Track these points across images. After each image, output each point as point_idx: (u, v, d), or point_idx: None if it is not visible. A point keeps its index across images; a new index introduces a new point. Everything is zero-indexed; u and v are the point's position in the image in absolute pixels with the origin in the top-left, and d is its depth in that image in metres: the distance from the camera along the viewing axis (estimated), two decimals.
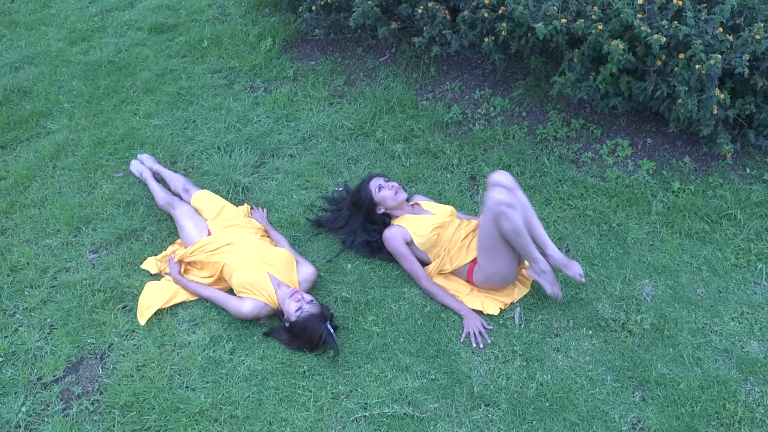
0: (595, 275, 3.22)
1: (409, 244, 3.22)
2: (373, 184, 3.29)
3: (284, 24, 5.07)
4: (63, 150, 4.18)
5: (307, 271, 3.21)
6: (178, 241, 3.50)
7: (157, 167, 3.87)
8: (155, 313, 3.17)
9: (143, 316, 3.16)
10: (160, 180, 3.81)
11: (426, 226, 3.21)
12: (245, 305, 3.05)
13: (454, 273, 3.23)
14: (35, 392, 2.92)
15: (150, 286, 3.29)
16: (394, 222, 3.29)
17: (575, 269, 2.96)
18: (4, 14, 5.73)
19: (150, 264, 3.42)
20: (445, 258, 3.19)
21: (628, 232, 3.41)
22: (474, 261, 3.14)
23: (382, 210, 3.30)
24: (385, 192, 3.26)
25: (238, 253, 3.19)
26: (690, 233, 3.38)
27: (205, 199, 3.56)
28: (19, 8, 5.81)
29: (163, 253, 3.47)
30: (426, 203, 3.40)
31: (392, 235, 3.22)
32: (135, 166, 3.93)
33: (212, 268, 3.24)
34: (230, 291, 3.21)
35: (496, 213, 2.84)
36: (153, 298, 3.22)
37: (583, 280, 2.97)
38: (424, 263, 3.24)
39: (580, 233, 3.42)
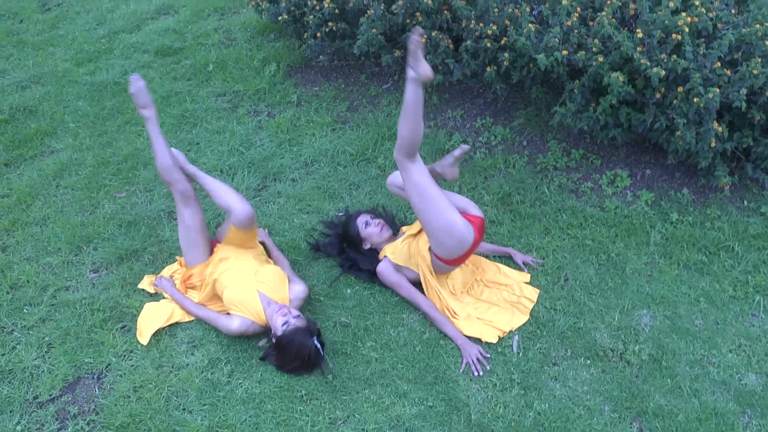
0: (594, 305, 3.23)
1: (398, 269, 3.29)
2: (360, 220, 3.40)
3: (289, 49, 5.14)
4: (66, 169, 4.21)
5: (299, 289, 3.21)
6: (179, 260, 3.50)
7: (191, 169, 3.31)
8: (154, 334, 3.17)
9: (143, 336, 3.17)
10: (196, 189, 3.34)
11: (398, 242, 3.31)
12: (233, 323, 3.07)
13: (437, 269, 3.23)
14: (30, 411, 2.91)
15: (149, 307, 3.30)
16: (380, 256, 3.37)
17: (459, 151, 3.08)
18: (13, 34, 5.81)
19: (146, 283, 3.43)
20: (423, 263, 3.21)
21: (627, 263, 3.42)
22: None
23: (369, 245, 3.39)
24: (371, 229, 3.36)
25: (230, 270, 3.21)
26: (688, 264, 3.40)
27: (249, 242, 3.33)
28: (28, 29, 5.89)
29: (161, 274, 3.48)
30: (407, 227, 3.47)
31: (383, 269, 3.30)
32: (138, 87, 3.20)
33: (205, 285, 3.26)
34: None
35: (402, 170, 3.00)
36: (152, 319, 3.23)
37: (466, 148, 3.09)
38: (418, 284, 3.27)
39: (579, 263, 3.44)
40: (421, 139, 2.94)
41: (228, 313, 3.14)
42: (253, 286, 3.13)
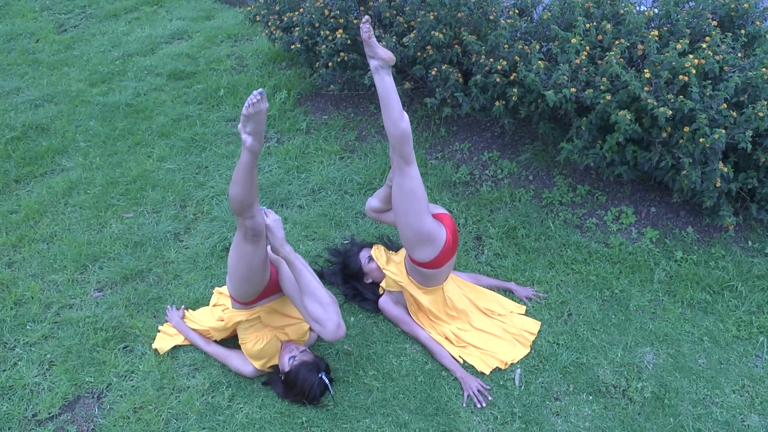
0: (597, 340, 3.23)
1: (397, 302, 3.32)
2: (363, 255, 3.42)
3: (300, 78, 5.21)
4: (75, 187, 4.25)
5: (314, 336, 3.23)
6: (218, 291, 3.43)
7: (287, 250, 2.81)
8: (156, 354, 3.17)
9: (160, 345, 3.20)
10: None
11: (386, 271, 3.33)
12: (247, 369, 3.05)
13: (423, 279, 3.20)
14: (29, 428, 2.89)
15: (168, 327, 3.32)
16: (380, 291, 3.40)
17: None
18: (28, 53, 5.90)
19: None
20: (401, 279, 3.23)
21: (631, 299, 3.42)
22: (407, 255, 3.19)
23: (370, 280, 3.41)
24: (373, 264, 3.38)
25: (260, 323, 3.06)
26: (692, 303, 3.40)
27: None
28: (43, 48, 5.98)
29: (213, 301, 3.40)
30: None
31: (383, 304, 3.34)
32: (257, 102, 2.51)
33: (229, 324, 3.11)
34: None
35: (397, 171, 2.92)
36: (171, 338, 3.25)
37: None
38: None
39: (582, 298, 3.44)
40: (409, 133, 2.86)
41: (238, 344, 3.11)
42: (278, 339, 3.04)
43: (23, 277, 3.61)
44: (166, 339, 3.24)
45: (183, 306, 3.39)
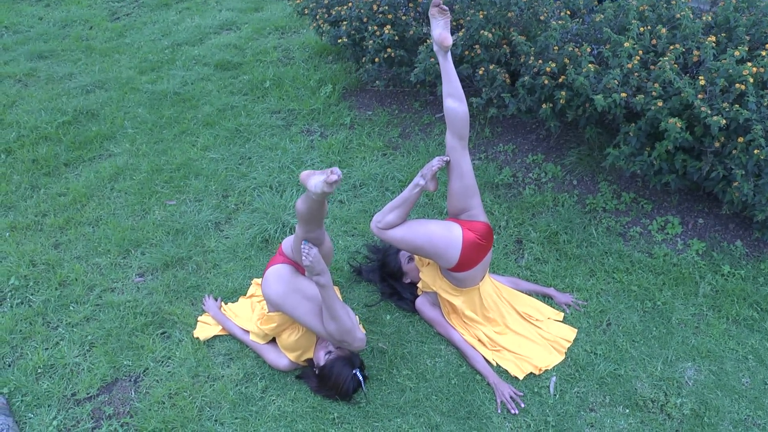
0: (636, 352, 3.16)
1: (434, 303, 3.29)
2: (403, 254, 3.40)
3: (345, 72, 5.21)
4: (122, 173, 4.33)
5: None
6: (256, 282, 3.49)
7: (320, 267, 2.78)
8: (193, 342, 3.21)
9: (201, 334, 3.25)
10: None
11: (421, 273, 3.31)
12: (282, 362, 3.06)
13: (456, 282, 3.18)
14: (68, 407, 2.96)
15: (207, 317, 3.36)
16: (418, 291, 3.37)
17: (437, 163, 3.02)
18: (82, 40, 6.03)
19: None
20: (435, 283, 3.21)
21: (673, 312, 3.34)
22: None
23: (409, 280, 3.40)
24: (413, 264, 3.36)
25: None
26: (738, 319, 3.30)
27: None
28: (96, 35, 6.11)
29: (251, 291, 3.46)
30: None
31: (420, 305, 3.32)
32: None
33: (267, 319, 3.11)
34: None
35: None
36: (211, 328, 3.29)
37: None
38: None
39: (623, 308, 3.37)
40: None
41: (273, 339, 3.14)
42: (313, 333, 3.03)
43: (68, 259, 3.70)
44: (206, 328, 3.28)
45: (220, 298, 3.43)
